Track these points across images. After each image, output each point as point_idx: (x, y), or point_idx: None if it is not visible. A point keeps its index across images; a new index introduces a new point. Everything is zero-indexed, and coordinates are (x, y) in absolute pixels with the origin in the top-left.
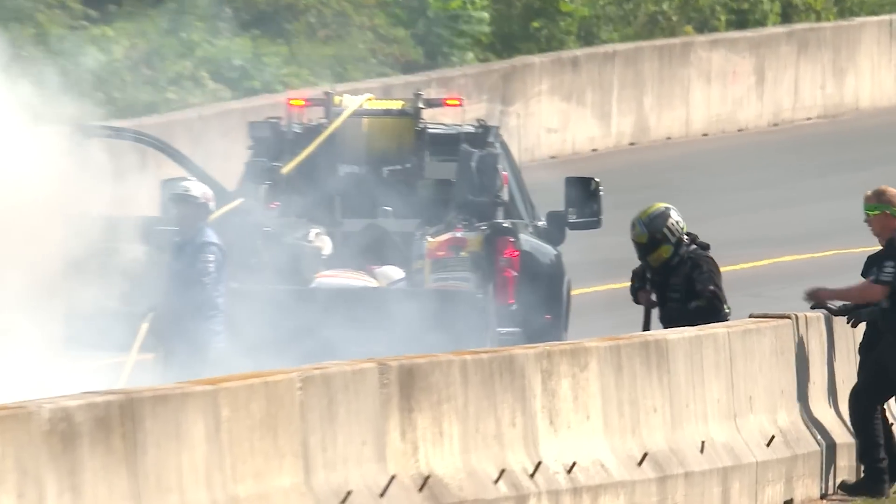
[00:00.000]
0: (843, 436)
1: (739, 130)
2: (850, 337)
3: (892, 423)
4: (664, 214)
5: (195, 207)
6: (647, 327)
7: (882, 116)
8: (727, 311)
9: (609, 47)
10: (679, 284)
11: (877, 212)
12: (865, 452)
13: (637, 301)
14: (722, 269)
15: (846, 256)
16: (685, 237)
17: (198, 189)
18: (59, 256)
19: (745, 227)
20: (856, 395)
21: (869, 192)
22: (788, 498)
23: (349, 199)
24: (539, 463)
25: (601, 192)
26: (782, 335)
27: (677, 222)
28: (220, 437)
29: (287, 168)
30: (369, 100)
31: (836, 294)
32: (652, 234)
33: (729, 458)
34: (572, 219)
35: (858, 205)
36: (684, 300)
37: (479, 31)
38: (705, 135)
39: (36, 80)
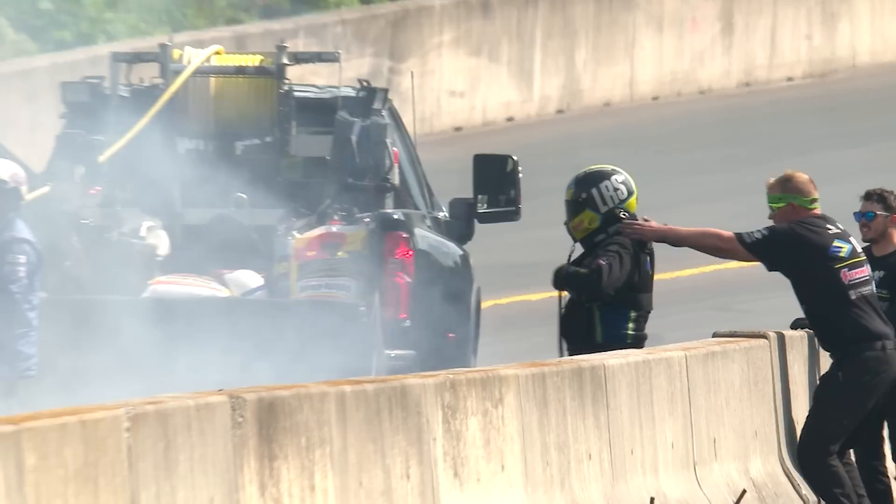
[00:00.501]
0: None
1: (700, 93)
2: None
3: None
4: (602, 174)
5: (2, 194)
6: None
7: (885, 75)
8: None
9: None
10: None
11: (782, 204)
12: None
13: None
14: (677, 275)
15: None
16: (623, 214)
17: (5, 169)
18: None
19: (707, 220)
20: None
21: (772, 180)
22: None
23: (192, 183)
24: None
25: (520, 175)
26: (756, 360)
27: (616, 191)
28: (23, 491)
29: (108, 152)
30: (218, 54)
31: (666, 233)
32: (577, 193)
33: None
34: (483, 208)
35: (855, 191)
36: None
37: None
38: (655, 99)
39: None
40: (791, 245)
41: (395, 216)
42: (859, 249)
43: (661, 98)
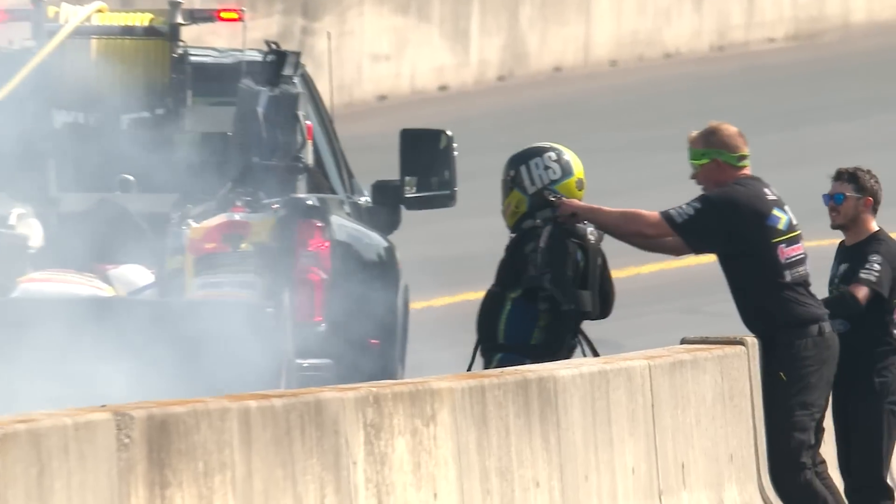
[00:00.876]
0: None
1: (666, 57)
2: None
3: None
4: (534, 151)
5: None
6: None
7: (882, 36)
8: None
9: None
10: (507, 249)
11: (705, 160)
12: None
13: None
14: (637, 272)
15: (815, 250)
16: (553, 197)
17: None
18: None
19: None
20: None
21: (694, 133)
22: None
23: (70, 163)
24: None
25: (455, 153)
26: (731, 370)
27: (547, 169)
28: None
29: None
30: (100, 11)
31: (594, 213)
32: (506, 172)
33: None
34: (412, 192)
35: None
36: (501, 278)
37: None
38: (614, 63)
39: None
40: (724, 212)
41: (309, 202)
42: (795, 221)
43: (621, 63)
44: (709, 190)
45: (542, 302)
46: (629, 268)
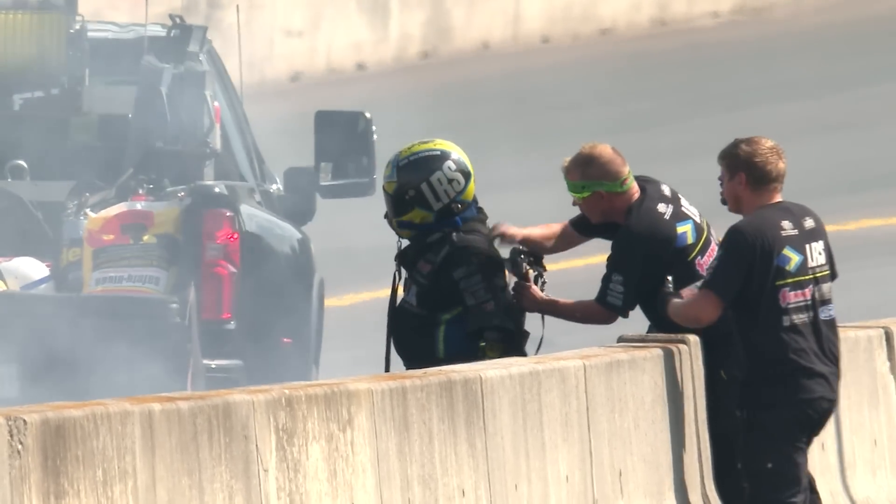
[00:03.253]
0: None
1: (603, 33)
2: None
3: None
4: (435, 160)
5: None
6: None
7: (835, 11)
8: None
9: None
10: (426, 276)
11: (585, 193)
12: None
13: None
14: (572, 265)
15: None
16: (458, 205)
17: None
18: None
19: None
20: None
21: (567, 160)
22: None
23: None
24: None
25: (374, 137)
26: (672, 371)
27: (451, 182)
28: None
29: None
30: None
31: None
32: (402, 190)
33: None
34: (327, 180)
35: (798, 155)
36: (427, 304)
37: None
38: (546, 39)
39: None
40: (648, 256)
41: (216, 189)
42: (700, 222)
43: (553, 39)
44: (593, 218)
45: (490, 331)
46: (561, 262)
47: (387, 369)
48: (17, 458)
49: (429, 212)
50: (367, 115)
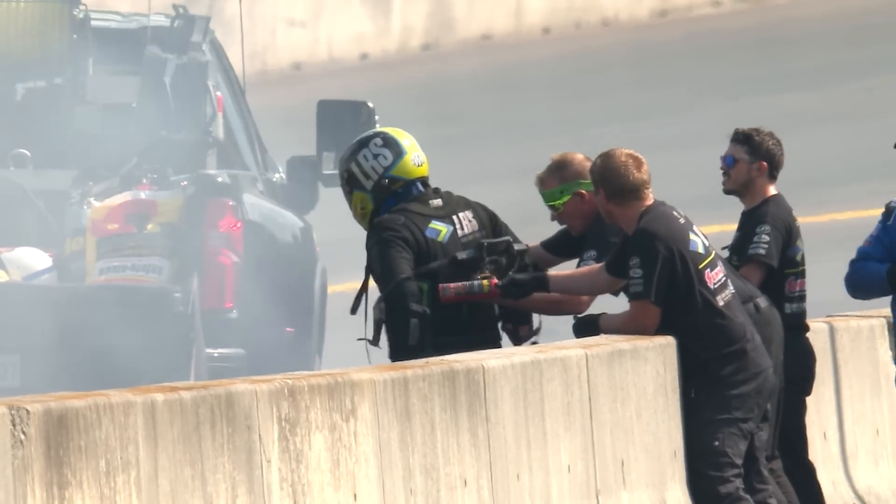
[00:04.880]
0: None
1: (604, 24)
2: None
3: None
4: (362, 141)
5: None
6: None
7: (833, 1)
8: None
9: None
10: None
11: (566, 197)
12: None
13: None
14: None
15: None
16: (388, 181)
17: None
18: None
19: None
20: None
21: (541, 172)
22: None
23: None
24: None
25: (377, 127)
26: (674, 360)
27: (377, 157)
28: None
29: None
30: None
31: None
32: (340, 174)
33: None
34: (330, 169)
35: (800, 145)
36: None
37: None
38: (548, 31)
39: None
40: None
41: (219, 179)
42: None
43: (555, 30)
44: (574, 226)
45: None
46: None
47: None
48: (20, 449)
49: (364, 192)
50: (370, 104)
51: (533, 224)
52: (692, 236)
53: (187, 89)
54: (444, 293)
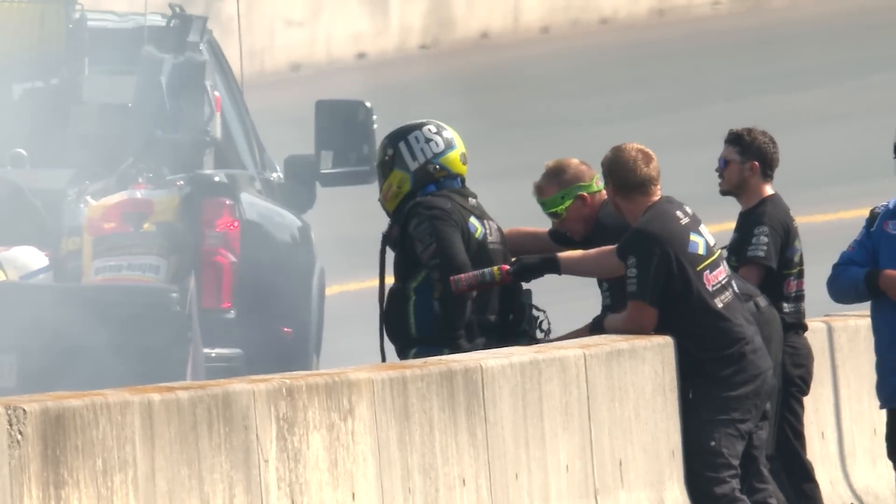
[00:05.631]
0: None
1: (602, 22)
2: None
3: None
4: (415, 125)
5: None
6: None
7: (832, 1)
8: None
9: None
10: (395, 243)
11: (568, 202)
12: None
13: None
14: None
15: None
16: (435, 167)
17: None
18: None
19: None
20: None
21: (539, 181)
22: None
23: None
24: None
25: (374, 126)
26: (672, 360)
27: (429, 142)
28: None
29: None
30: None
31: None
32: (383, 152)
33: None
34: (328, 168)
35: (800, 145)
36: (401, 274)
37: None
38: (546, 30)
39: None
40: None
41: (216, 178)
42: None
43: (553, 29)
44: (577, 231)
45: (433, 271)
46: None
47: (383, 358)
48: (17, 448)
49: (406, 172)
50: (368, 104)
51: (533, 224)
52: (693, 237)
53: (184, 89)
54: (457, 285)
